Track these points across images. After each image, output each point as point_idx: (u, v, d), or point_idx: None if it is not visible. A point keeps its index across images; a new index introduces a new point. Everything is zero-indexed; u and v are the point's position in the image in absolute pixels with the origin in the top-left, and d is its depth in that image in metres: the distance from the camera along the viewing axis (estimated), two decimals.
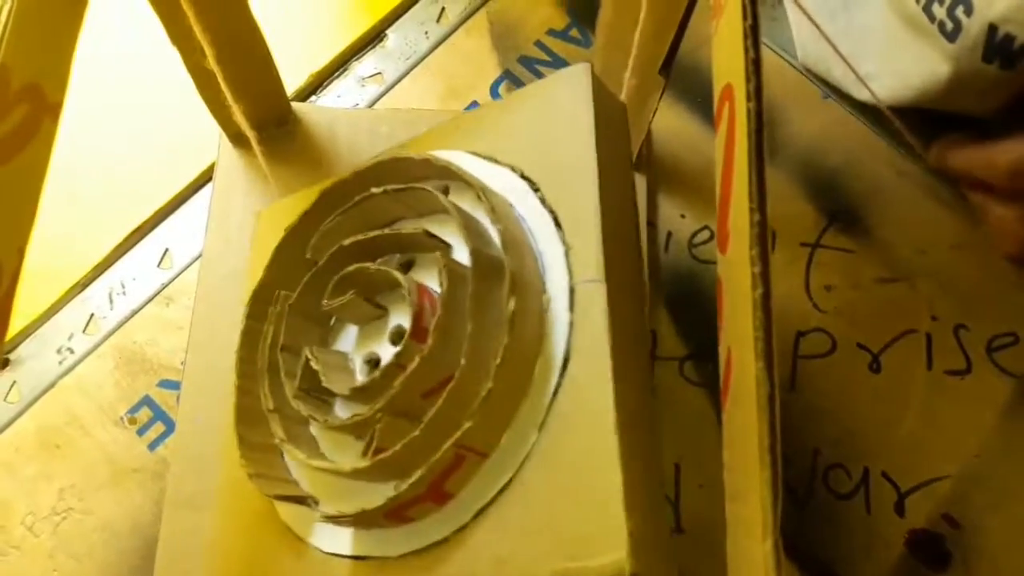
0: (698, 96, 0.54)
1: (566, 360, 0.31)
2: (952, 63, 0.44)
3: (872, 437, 0.47)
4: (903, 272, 0.50)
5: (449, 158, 0.35)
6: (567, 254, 0.33)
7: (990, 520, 0.45)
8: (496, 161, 0.36)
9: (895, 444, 0.47)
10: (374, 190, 0.35)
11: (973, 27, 0.42)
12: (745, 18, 0.24)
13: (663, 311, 0.50)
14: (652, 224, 0.51)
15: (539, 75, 0.55)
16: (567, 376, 0.30)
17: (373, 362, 0.35)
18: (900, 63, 0.48)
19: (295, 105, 0.51)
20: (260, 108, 0.48)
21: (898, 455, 0.47)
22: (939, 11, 0.43)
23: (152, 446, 0.48)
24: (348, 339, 0.37)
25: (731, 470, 0.24)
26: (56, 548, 0.46)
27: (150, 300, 0.51)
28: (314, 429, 0.35)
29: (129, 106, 0.54)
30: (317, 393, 0.35)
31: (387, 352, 0.35)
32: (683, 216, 0.52)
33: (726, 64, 0.26)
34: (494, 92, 0.55)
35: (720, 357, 0.26)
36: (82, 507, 0.47)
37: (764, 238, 0.22)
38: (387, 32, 0.57)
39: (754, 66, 0.23)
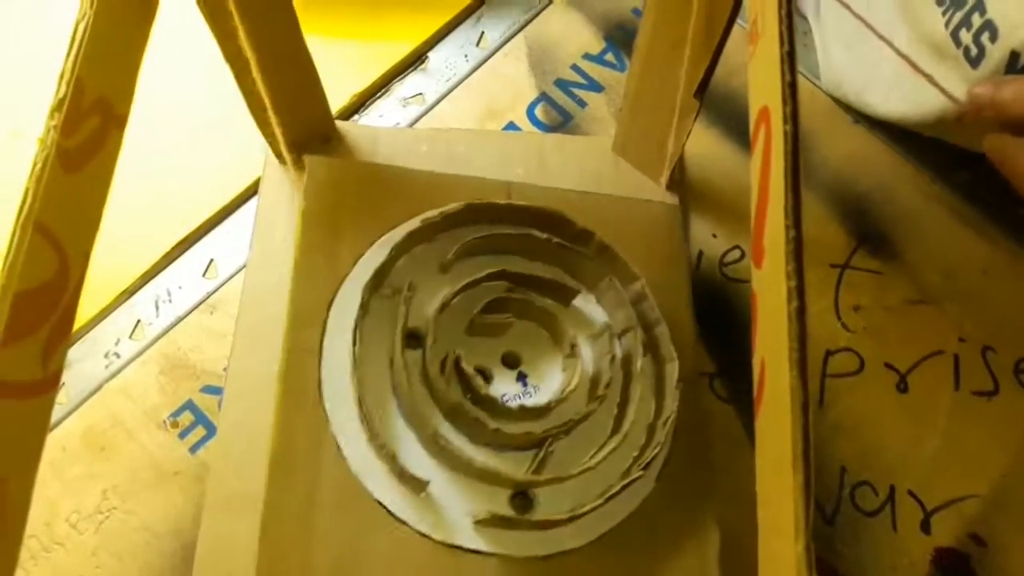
0: (731, 121, 0.55)
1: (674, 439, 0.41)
2: (968, 86, 0.44)
3: (899, 455, 0.48)
4: (931, 294, 0.51)
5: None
6: (678, 351, 0.42)
7: (1016, 540, 0.46)
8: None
9: (921, 463, 0.48)
10: (537, 233, 0.43)
11: (996, 53, 0.42)
12: (782, 44, 0.25)
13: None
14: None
15: (575, 98, 0.56)
16: (677, 447, 0.41)
17: (483, 373, 0.41)
18: (914, 89, 0.49)
19: (339, 123, 0.52)
20: (306, 125, 0.50)
21: (924, 474, 0.47)
22: (966, 36, 0.44)
23: (193, 449, 0.49)
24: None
25: (763, 476, 0.25)
26: (99, 546, 0.48)
27: (195, 308, 0.52)
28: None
29: (179, 120, 0.56)
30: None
31: (501, 372, 0.42)
32: (715, 236, 0.53)
33: (762, 87, 0.27)
34: (531, 114, 0.56)
35: (754, 368, 0.27)
36: (125, 507, 0.48)
37: (799, 254, 0.23)
38: (428, 54, 0.58)
39: (790, 90, 0.25)
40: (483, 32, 0.58)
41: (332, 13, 0.59)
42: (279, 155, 0.51)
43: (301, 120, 0.49)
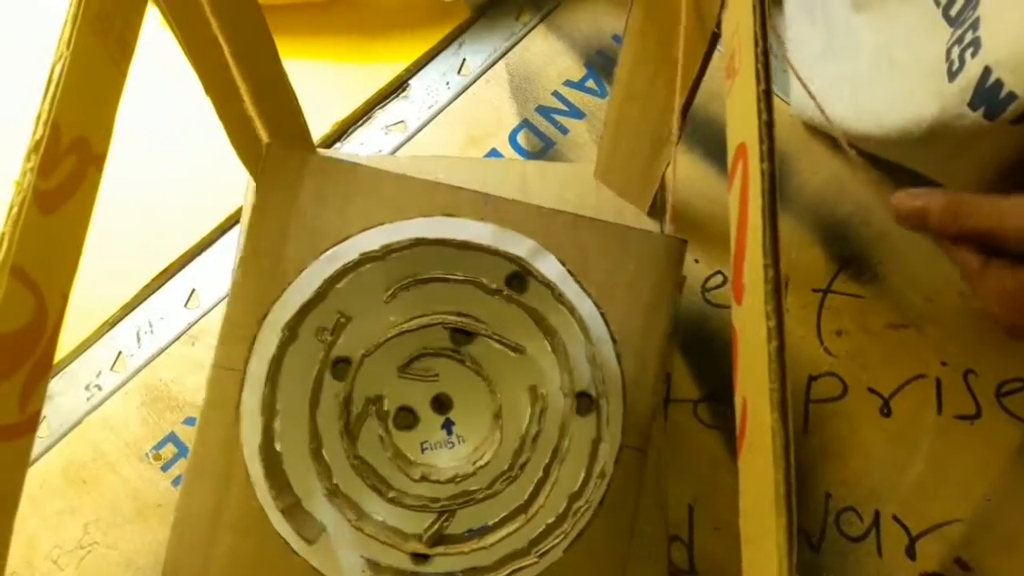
0: (711, 146, 0.55)
1: (600, 505, 0.38)
2: (940, 103, 0.44)
3: (883, 480, 0.48)
4: (913, 318, 0.51)
5: (545, 263, 0.39)
6: (624, 417, 0.39)
7: (1001, 563, 0.46)
8: (584, 288, 0.40)
9: (906, 487, 0.48)
10: (485, 281, 0.38)
11: (972, 68, 0.42)
12: (759, 83, 0.25)
13: (677, 354, 0.51)
14: None
15: (556, 124, 0.57)
16: (598, 517, 0.38)
17: (410, 412, 0.40)
18: (880, 104, 0.49)
19: (320, 152, 0.52)
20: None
21: (909, 498, 0.48)
22: (955, 52, 0.44)
23: (176, 482, 0.49)
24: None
25: (747, 515, 0.25)
26: None
27: (177, 339, 0.52)
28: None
29: (159, 152, 0.56)
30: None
31: (427, 415, 0.40)
32: (697, 261, 0.53)
33: (740, 124, 0.27)
34: (513, 140, 0.56)
35: (736, 405, 0.27)
36: (107, 541, 0.48)
37: (778, 293, 0.23)
38: (410, 82, 0.58)
39: (767, 128, 0.25)
40: (464, 59, 0.58)
41: (314, 41, 0.59)
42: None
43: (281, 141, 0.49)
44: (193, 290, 0.53)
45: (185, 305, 0.53)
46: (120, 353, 0.52)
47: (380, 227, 0.39)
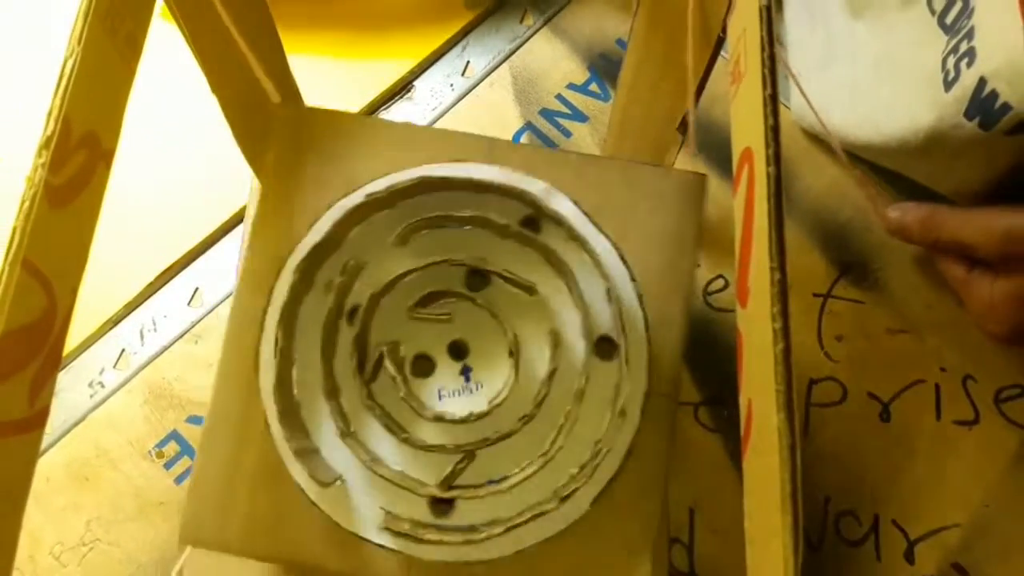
0: (713, 151, 0.55)
1: (628, 456, 0.36)
2: (936, 112, 0.45)
3: (882, 485, 0.48)
4: (912, 324, 0.51)
5: (558, 202, 0.38)
6: (650, 362, 0.37)
7: (998, 569, 0.46)
8: (600, 227, 0.38)
9: (904, 492, 0.48)
10: (490, 216, 0.38)
11: (968, 78, 0.42)
12: (765, 87, 0.26)
13: None
14: None
15: (559, 127, 0.57)
16: (626, 470, 0.36)
17: (427, 359, 0.39)
18: (879, 111, 0.49)
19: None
20: None
21: (907, 503, 0.48)
22: (951, 61, 0.44)
23: (179, 480, 0.49)
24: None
25: (751, 516, 0.25)
26: None
27: (180, 337, 0.52)
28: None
29: (161, 152, 0.56)
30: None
31: (445, 362, 0.39)
32: (698, 265, 0.53)
33: (745, 128, 0.27)
34: (516, 142, 0.56)
35: (741, 407, 0.27)
36: (109, 538, 0.48)
37: (784, 296, 0.23)
38: (414, 83, 0.58)
39: (773, 133, 0.25)
40: (468, 62, 0.59)
41: (318, 43, 0.59)
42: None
43: None
44: (196, 289, 0.53)
45: (188, 303, 0.53)
46: (123, 351, 0.52)
47: (388, 175, 0.38)
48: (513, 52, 0.59)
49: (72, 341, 0.52)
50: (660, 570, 0.39)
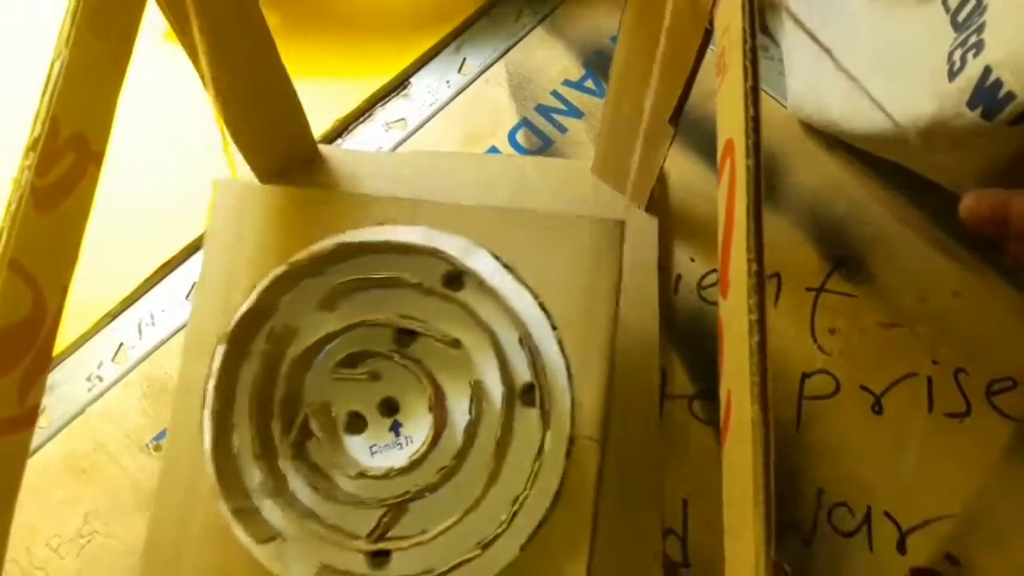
0: (708, 144, 0.55)
1: (555, 500, 0.37)
2: (938, 101, 0.45)
3: (874, 477, 0.48)
4: (905, 317, 0.52)
5: (476, 259, 0.39)
6: (572, 406, 0.38)
7: (990, 559, 0.47)
8: (520, 279, 0.40)
9: (897, 484, 0.48)
10: (406, 277, 0.39)
11: (973, 68, 0.42)
12: (746, 79, 0.26)
13: (673, 351, 0.51)
14: (663, 267, 0.53)
15: (555, 123, 0.57)
16: (554, 514, 0.37)
17: (359, 417, 0.40)
18: (869, 107, 0.50)
19: (321, 147, 0.53)
20: (287, 149, 0.50)
21: (900, 494, 0.48)
22: (957, 54, 0.44)
23: None
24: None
25: (730, 506, 0.26)
26: (80, 571, 0.48)
27: (178, 331, 0.52)
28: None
29: (158, 147, 0.56)
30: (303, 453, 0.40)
31: (375, 419, 0.40)
32: (692, 260, 0.53)
33: (728, 120, 0.28)
34: (512, 139, 0.57)
35: (720, 398, 0.27)
36: (106, 531, 0.49)
37: (761, 287, 0.24)
38: (411, 80, 0.59)
39: (753, 123, 0.25)
40: (464, 59, 0.59)
41: (315, 39, 0.59)
42: (261, 177, 0.52)
43: (282, 144, 0.50)
44: (194, 283, 0.54)
45: (186, 298, 0.53)
46: (121, 345, 0.52)
47: (317, 243, 0.40)
48: (509, 49, 0.59)
49: (70, 335, 0.52)
50: (656, 562, 0.39)
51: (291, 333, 0.40)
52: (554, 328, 0.39)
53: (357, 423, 0.40)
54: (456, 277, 0.40)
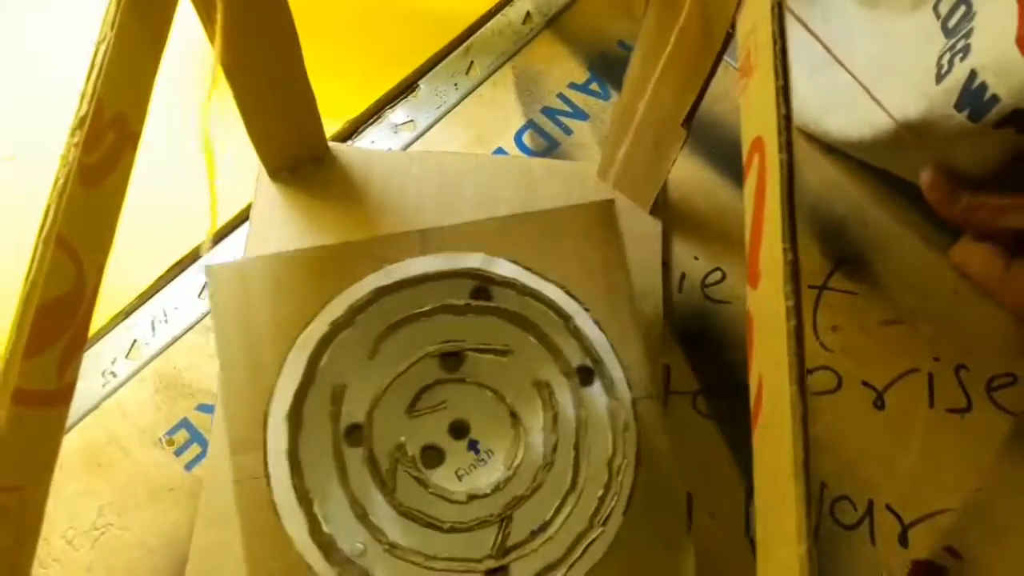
0: (712, 147, 0.57)
1: (637, 460, 0.39)
2: (927, 102, 0.46)
3: (876, 471, 0.49)
4: (906, 315, 0.53)
5: (499, 267, 0.42)
6: (627, 373, 0.41)
7: (991, 551, 0.48)
8: (542, 275, 0.42)
9: (899, 478, 0.49)
10: (454, 302, 0.41)
11: (959, 71, 0.44)
12: (777, 78, 0.27)
13: (677, 348, 0.52)
14: (667, 265, 0.54)
15: (561, 125, 0.58)
16: (641, 476, 0.39)
17: (433, 450, 0.41)
18: (872, 109, 0.50)
19: (332, 145, 0.54)
20: (300, 145, 0.51)
21: (901, 488, 0.49)
22: (946, 58, 0.45)
23: (189, 467, 0.50)
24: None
25: (762, 488, 0.27)
26: (94, 562, 0.48)
27: (190, 328, 0.53)
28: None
29: (175, 143, 0.57)
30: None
31: (450, 444, 0.41)
32: (696, 258, 0.54)
33: (757, 119, 0.29)
34: (518, 140, 0.58)
35: (751, 384, 0.28)
36: (120, 523, 0.49)
37: (796, 275, 0.25)
38: (419, 83, 0.60)
39: (785, 121, 0.26)
40: (472, 62, 0.60)
41: (326, 42, 0.60)
42: (272, 172, 0.52)
43: (295, 139, 0.50)
44: (207, 281, 0.54)
45: (199, 295, 0.54)
46: (135, 341, 0.53)
47: (338, 297, 0.41)
48: (516, 53, 0.60)
49: None
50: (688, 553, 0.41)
51: (342, 390, 0.40)
52: (587, 310, 0.41)
53: (432, 455, 0.41)
54: (483, 290, 0.42)
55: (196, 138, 0.56)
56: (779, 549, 0.24)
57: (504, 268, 0.41)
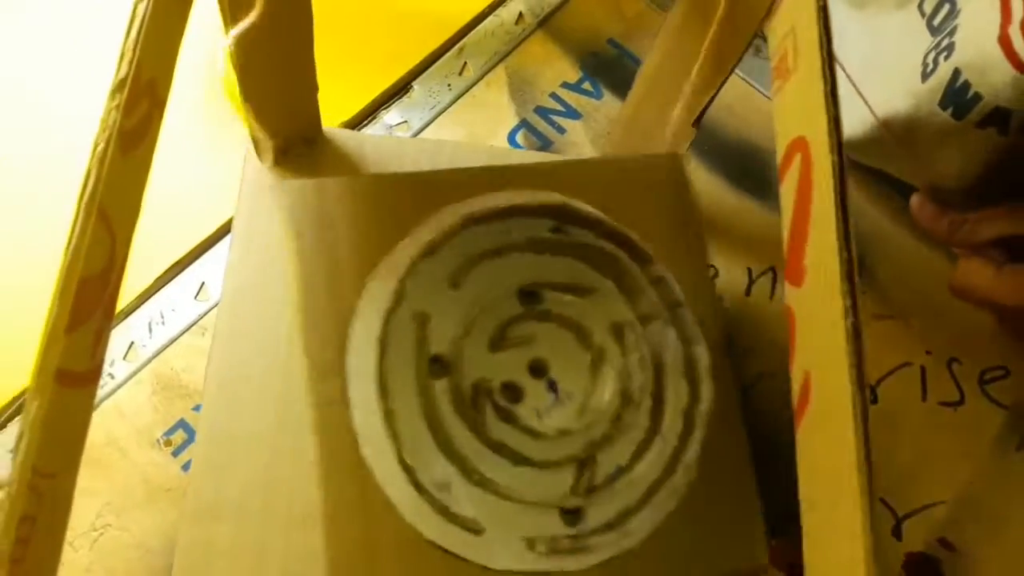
0: (717, 152, 0.58)
1: (710, 413, 0.40)
2: (914, 100, 0.47)
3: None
4: (898, 309, 0.54)
5: (581, 206, 0.41)
6: (700, 326, 0.41)
7: (984, 544, 0.49)
8: (613, 221, 0.41)
9: (892, 471, 0.50)
10: (545, 234, 0.40)
11: (943, 70, 0.45)
12: (825, 81, 0.28)
13: None
14: None
15: (554, 124, 0.59)
16: (713, 430, 0.39)
17: (512, 388, 0.40)
18: (857, 104, 0.52)
19: (325, 128, 0.53)
20: (296, 125, 0.49)
21: (895, 481, 0.50)
22: (931, 56, 0.47)
23: (186, 467, 0.50)
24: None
25: (810, 483, 0.27)
26: (93, 562, 0.48)
27: (187, 330, 0.53)
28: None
29: (170, 143, 0.56)
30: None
31: (529, 383, 0.40)
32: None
33: (797, 119, 0.29)
34: (512, 140, 0.58)
35: (793, 380, 0.29)
36: (119, 524, 0.49)
37: (852, 274, 0.25)
38: (413, 84, 0.60)
39: (835, 123, 0.27)
40: (465, 62, 0.60)
41: (319, 43, 0.59)
42: (261, 153, 0.51)
43: (292, 118, 0.49)
44: (203, 283, 0.54)
45: (195, 297, 0.54)
46: (132, 343, 0.52)
47: (426, 222, 0.40)
48: (508, 53, 0.60)
49: None
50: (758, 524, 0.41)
51: (425, 319, 0.39)
52: (655, 262, 0.41)
53: (511, 393, 0.39)
54: (559, 232, 0.41)
55: (193, 139, 0.56)
56: (839, 543, 0.24)
57: (585, 208, 0.41)
